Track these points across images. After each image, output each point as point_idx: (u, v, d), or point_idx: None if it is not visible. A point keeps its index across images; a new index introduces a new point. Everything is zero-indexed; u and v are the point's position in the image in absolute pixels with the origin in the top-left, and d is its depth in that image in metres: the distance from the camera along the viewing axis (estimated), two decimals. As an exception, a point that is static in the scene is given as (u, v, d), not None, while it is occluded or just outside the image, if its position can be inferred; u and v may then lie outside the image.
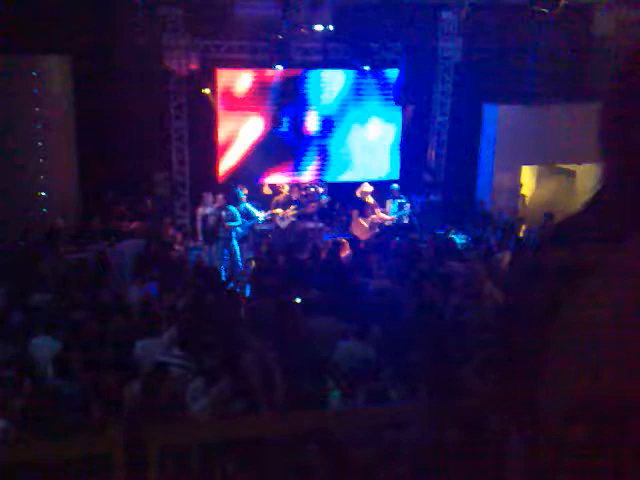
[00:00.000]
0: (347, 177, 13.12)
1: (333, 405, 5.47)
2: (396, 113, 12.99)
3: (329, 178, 13.00)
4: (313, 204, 11.97)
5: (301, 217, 11.76)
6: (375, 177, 12.93)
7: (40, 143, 10.58)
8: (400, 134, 13.15)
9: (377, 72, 12.70)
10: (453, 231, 10.69)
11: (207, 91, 11.85)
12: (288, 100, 12.38)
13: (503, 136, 12.40)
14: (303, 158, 12.90)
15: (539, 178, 13.50)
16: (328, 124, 12.83)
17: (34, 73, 10.46)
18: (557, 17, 9.23)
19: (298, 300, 7.45)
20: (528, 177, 13.26)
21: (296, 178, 12.85)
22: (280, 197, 11.94)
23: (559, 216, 11.70)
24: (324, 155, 12.99)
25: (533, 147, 12.04)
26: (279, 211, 11.53)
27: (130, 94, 11.09)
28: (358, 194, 12.06)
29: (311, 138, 12.85)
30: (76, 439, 3.89)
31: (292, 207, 11.63)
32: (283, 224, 11.39)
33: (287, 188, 12.22)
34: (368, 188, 12.08)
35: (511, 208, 12.47)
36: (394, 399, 5.12)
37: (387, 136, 13.17)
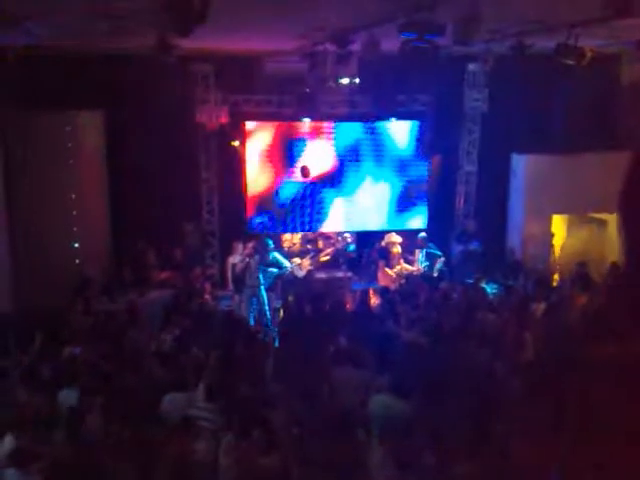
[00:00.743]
0: (374, 226, 13.07)
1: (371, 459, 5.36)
2: (424, 164, 13.00)
3: (356, 228, 12.98)
4: (327, 253, 11.99)
5: (324, 267, 11.78)
6: (406, 227, 12.89)
7: (73, 195, 10.79)
8: (426, 184, 13.13)
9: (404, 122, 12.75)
10: (484, 281, 10.57)
11: (236, 143, 12.05)
12: (316, 153, 12.48)
13: (532, 186, 12.36)
14: (330, 208, 12.91)
15: (570, 227, 13.36)
16: (356, 175, 12.85)
17: (68, 128, 10.74)
18: (586, 67, 9.24)
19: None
20: (559, 226, 13.14)
21: (322, 229, 12.85)
22: (294, 247, 12.03)
23: (591, 265, 11.56)
24: (351, 206, 12.98)
25: (563, 196, 11.97)
26: (296, 260, 11.56)
27: (161, 147, 11.31)
28: (384, 244, 12.05)
29: (339, 188, 12.88)
30: None
31: (308, 257, 11.69)
32: (300, 274, 11.39)
33: (299, 237, 12.30)
34: (396, 239, 12.06)
35: (542, 257, 12.33)
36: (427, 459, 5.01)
37: (418, 185, 13.09)
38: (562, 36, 8.69)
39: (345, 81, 11.47)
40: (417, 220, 13.17)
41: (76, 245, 10.88)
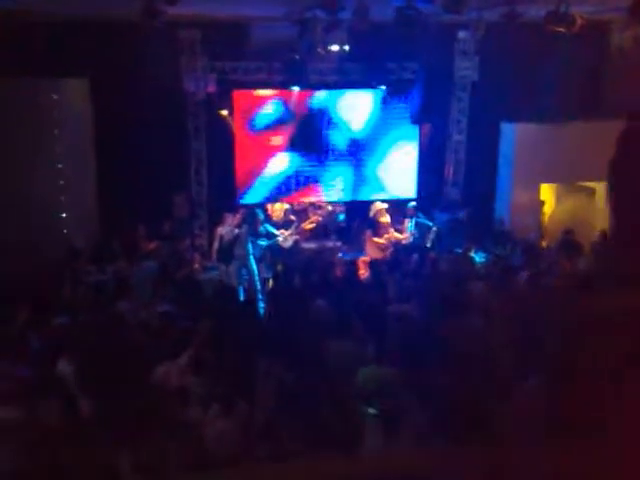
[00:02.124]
0: (367, 196, 13.08)
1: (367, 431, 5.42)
2: (414, 132, 12.96)
3: (347, 197, 12.97)
4: (311, 221, 11.99)
5: (314, 236, 11.79)
6: (397, 196, 12.90)
7: (60, 165, 10.68)
8: (417, 153, 13.12)
9: (395, 92, 12.67)
10: (472, 250, 10.62)
11: (224, 113, 11.94)
12: (306, 121, 12.42)
13: (521, 154, 12.36)
14: (324, 178, 12.88)
15: (558, 196, 13.41)
16: (352, 146, 12.80)
17: (54, 96, 10.59)
18: (574, 35, 9.18)
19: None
20: (547, 195, 13.18)
21: (315, 199, 12.85)
22: (278, 218, 12.02)
23: (580, 233, 11.64)
24: (350, 178, 12.95)
25: (552, 165, 11.98)
26: (283, 232, 11.56)
27: (149, 116, 11.18)
28: (371, 214, 12.06)
29: (335, 161, 12.84)
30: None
31: (292, 227, 11.70)
32: (287, 244, 11.40)
33: (284, 208, 12.28)
34: (381, 206, 12.07)
35: (530, 226, 12.38)
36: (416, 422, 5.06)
37: (408, 155, 13.11)
38: (553, 3, 8.63)
39: (335, 48, 11.37)
40: (406, 189, 13.18)
41: (63, 215, 10.81)
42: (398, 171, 13.10)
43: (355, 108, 12.70)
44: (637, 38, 11.28)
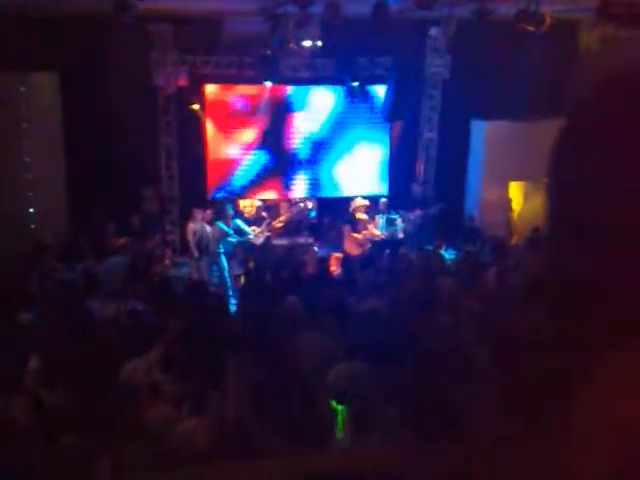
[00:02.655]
0: (336, 193, 13.13)
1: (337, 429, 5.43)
2: (384, 129, 13.02)
3: (318, 194, 12.99)
4: (280, 220, 11.98)
5: (285, 233, 11.77)
6: (367, 193, 12.95)
7: (27, 159, 10.51)
8: (388, 150, 13.19)
9: (364, 91, 12.72)
10: (443, 247, 10.70)
11: (195, 107, 11.85)
12: (277, 117, 12.40)
13: (491, 152, 12.46)
14: (292, 175, 12.89)
15: (527, 194, 13.56)
16: (317, 141, 12.85)
17: (22, 89, 10.42)
18: (543, 34, 9.28)
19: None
20: (516, 193, 13.31)
21: (285, 194, 12.85)
22: (249, 214, 11.99)
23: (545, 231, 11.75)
24: (313, 172, 12.99)
25: (521, 163, 12.09)
26: (255, 228, 11.52)
27: (119, 110, 11.06)
28: (351, 209, 12.07)
29: (300, 155, 12.86)
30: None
31: (264, 224, 11.66)
32: (257, 241, 11.35)
33: (255, 204, 12.26)
34: (361, 202, 12.09)
35: (499, 223, 12.50)
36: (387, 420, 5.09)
37: (377, 151, 13.19)
38: (523, 2, 8.71)
39: (307, 43, 11.35)
40: (377, 186, 13.25)
41: (31, 210, 10.64)
42: (367, 168, 13.16)
43: (322, 105, 12.71)
44: (604, 38, 11.44)
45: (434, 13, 9.81)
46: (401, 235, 11.92)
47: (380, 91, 12.68)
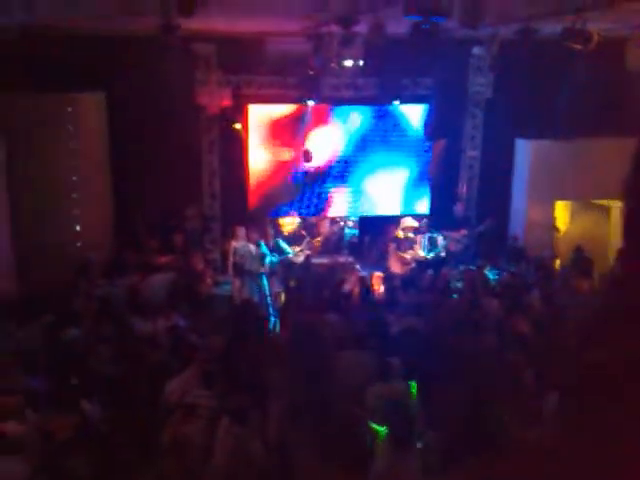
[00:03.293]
0: (376, 212, 13.09)
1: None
2: (425, 148, 12.96)
3: (358, 213, 12.96)
4: (317, 240, 11.97)
5: (326, 251, 11.75)
6: (409, 211, 12.89)
7: (74, 177, 10.72)
8: (428, 169, 13.10)
9: (403, 110, 12.70)
10: (487, 267, 10.54)
11: (238, 126, 11.97)
12: (318, 136, 12.43)
13: (536, 171, 12.28)
14: (331, 193, 12.89)
15: (573, 214, 13.31)
16: (354, 160, 12.82)
17: (69, 109, 10.66)
18: (590, 52, 9.13)
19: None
20: (562, 213, 13.08)
21: (324, 213, 12.84)
22: (289, 232, 12.01)
23: (594, 252, 11.52)
24: (352, 190, 12.96)
25: (566, 182, 11.91)
26: (295, 247, 11.56)
27: (163, 129, 11.22)
28: (400, 228, 12.03)
29: (339, 173, 12.86)
30: None
31: (304, 242, 11.67)
32: (297, 259, 11.38)
33: (295, 222, 12.28)
34: (411, 223, 12.05)
35: (544, 244, 12.28)
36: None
37: (419, 170, 13.11)
38: (569, 20, 8.57)
39: (349, 63, 11.35)
40: (421, 205, 13.17)
41: (77, 228, 10.83)
42: (410, 188, 13.10)
43: (361, 123, 12.71)
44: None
45: (477, 32, 9.75)
46: (443, 254, 11.81)
47: (412, 111, 12.64)
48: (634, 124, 11.98)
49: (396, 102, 12.32)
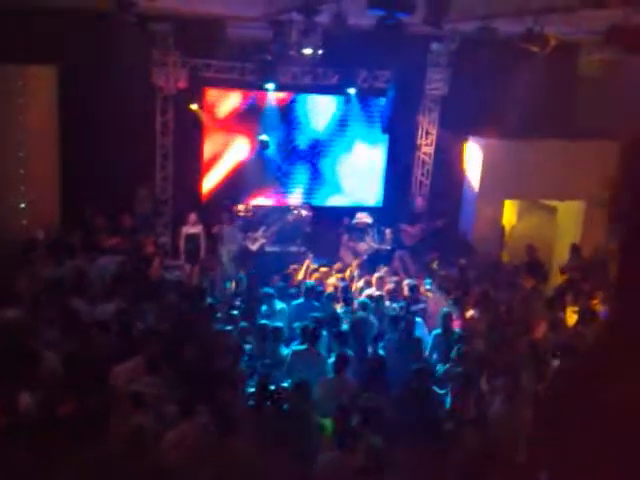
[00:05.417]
0: (334, 202, 13.13)
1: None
2: (382, 140, 13.03)
3: (316, 202, 12.96)
4: (274, 228, 11.97)
5: (278, 240, 11.72)
6: (361, 203, 12.96)
7: (22, 153, 10.39)
8: (385, 162, 13.20)
9: (364, 98, 12.75)
10: (436, 262, 10.66)
11: (195, 107, 11.78)
12: (277, 123, 12.36)
13: (487, 169, 12.45)
14: (289, 181, 12.87)
15: (520, 213, 13.58)
16: (316, 148, 12.84)
17: (19, 82, 10.31)
18: (545, 55, 9.29)
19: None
20: (509, 211, 13.33)
21: (282, 201, 12.81)
22: (245, 219, 11.97)
23: (540, 251, 11.79)
24: (311, 179, 12.97)
25: (516, 182, 12.11)
26: (250, 234, 11.49)
27: (116, 108, 10.94)
28: (355, 222, 12.07)
29: (298, 162, 12.84)
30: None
31: (261, 230, 11.62)
32: (254, 247, 11.31)
33: (251, 210, 12.23)
34: (366, 219, 12.11)
35: (492, 241, 12.49)
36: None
37: (374, 162, 13.20)
38: (527, 22, 8.71)
39: (308, 51, 11.29)
40: (374, 197, 13.27)
41: (23, 205, 10.52)
42: (362, 177, 13.18)
43: (320, 109, 12.71)
44: (606, 61, 11.49)
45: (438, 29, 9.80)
46: (389, 247, 11.90)
47: (379, 100, 12.72)
48: (583, 128, 12.29)
49: (352, 91, 12.32)
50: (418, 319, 7.98)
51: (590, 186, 12.04)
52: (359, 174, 13.17)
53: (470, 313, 8.63)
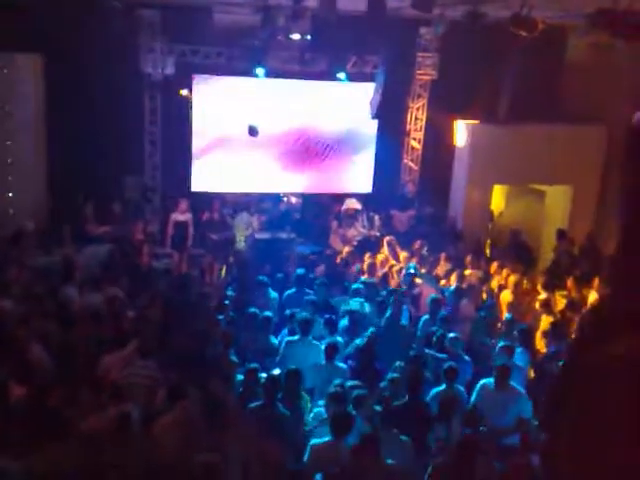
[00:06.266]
0: (322, 189, 13.09)
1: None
2: (372, 127, 12.98)
3: (303, 189, 12.92)
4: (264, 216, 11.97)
5: (268, 227, 11.71)
6: (350, 190, 12.93)
7: (9, 142, 10.31)
8: (375, 148, 13.15)
9: (354, 84, 12.68)
10: (425, 248, 10.66)
11: (184, 92, 11.71)
12: (266, 108, 12.29)
13: (475, 154, 12.44)
14: (278, 169, 12.80)
15: (509, 197, 13.61)
16: (304, 135, 12.77)
17: (5, 70, 10.20)
18: (533, 40, 9.28)
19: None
20: (498, 196, 13.35)
21: (271, 189, 12.77)
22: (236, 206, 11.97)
23: (528, 235, 11.85)
24: (300, 166, 12.91)
25: (505, 167, 12.11)
26: (244, 217, 11.49)
27: (104, 96, 10.87)
28: (343, 208, 12.05)
29: (287, 149, 12.78)
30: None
31: (256, 216, 11.61)
32: (242, 235, 11.34)
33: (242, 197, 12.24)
34: (354, 205, 12.09)
35: (481, 225, 12.52)
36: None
37: (363, 149, 13.15)
38: (515, 6, 8.69)
39: (296, 37, 11.24)
40: (364, 184, 13.23)
41: (10, 194, 10.44)
42: (354, 166, 13.14)
43: (313, 99, 12.64)
44: (594, 45, 11.48)
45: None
46: (378, 234, 11.90)
47: (368, 86, 12.64)
48: (571, 112, 12.31)
49: (341, 76, 12.25)
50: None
51: (578, 170, 12.14)
52: (348, 160, 13.12)
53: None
